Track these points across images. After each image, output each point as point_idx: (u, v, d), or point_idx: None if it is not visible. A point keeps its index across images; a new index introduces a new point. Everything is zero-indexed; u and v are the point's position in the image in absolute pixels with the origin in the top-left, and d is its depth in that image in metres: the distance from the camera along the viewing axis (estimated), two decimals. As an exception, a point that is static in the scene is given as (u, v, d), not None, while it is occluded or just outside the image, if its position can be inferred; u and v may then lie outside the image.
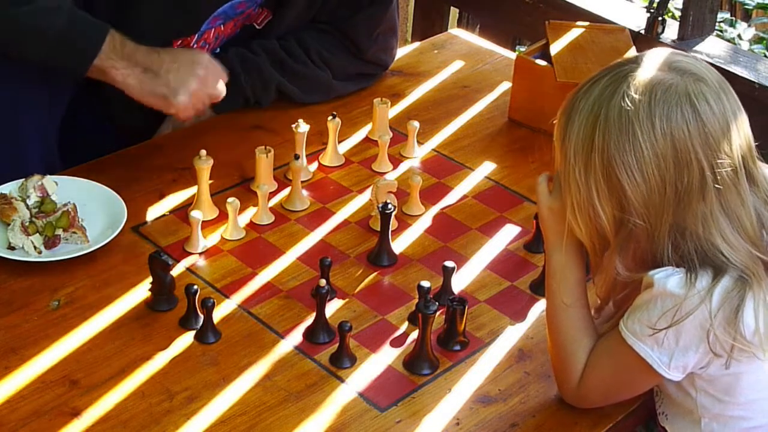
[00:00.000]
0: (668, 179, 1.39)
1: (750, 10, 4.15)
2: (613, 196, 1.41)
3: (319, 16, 2.28)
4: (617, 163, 1.39)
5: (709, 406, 1.48)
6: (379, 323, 1.71)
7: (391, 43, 2.37)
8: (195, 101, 1.95)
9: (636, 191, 1.40)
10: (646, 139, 1.38)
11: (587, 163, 1.42)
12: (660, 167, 1.38)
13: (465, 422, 1.55)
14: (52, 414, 1.51)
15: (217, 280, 1.78)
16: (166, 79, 1.92)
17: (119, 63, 1.89)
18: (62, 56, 1.88)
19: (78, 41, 1.88)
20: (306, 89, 2.26)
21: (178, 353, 1.63)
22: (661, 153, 1.38)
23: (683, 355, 1.41)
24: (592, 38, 2.29)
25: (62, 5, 1.86)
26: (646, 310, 1.42)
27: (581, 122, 1.43)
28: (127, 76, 1.91)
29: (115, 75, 1.90)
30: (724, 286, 1.38)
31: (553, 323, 1.55)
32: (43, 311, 1.69)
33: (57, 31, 1.85)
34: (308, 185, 2.03)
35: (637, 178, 1.39)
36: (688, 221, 1.40)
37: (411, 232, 1.93)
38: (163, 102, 1.93)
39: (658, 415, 1.57)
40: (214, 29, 2.13)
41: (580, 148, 1.43)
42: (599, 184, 1.41)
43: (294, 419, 1.53)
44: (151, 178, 2.02)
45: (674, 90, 1.39)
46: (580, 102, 1.45)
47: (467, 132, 2.25)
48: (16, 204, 1.81)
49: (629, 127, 1.38)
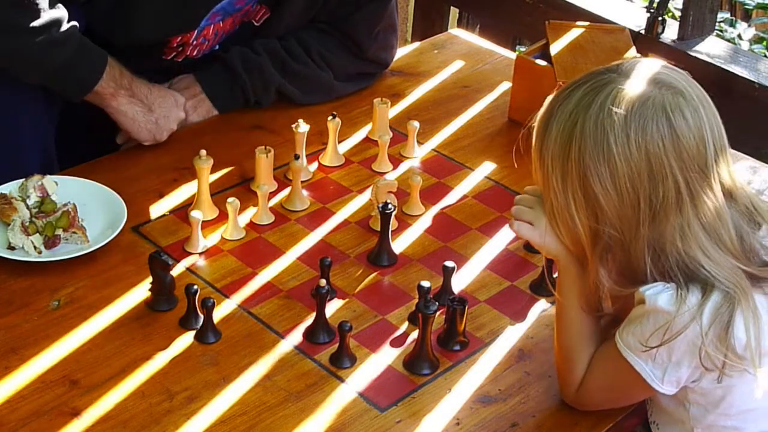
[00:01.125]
0: (642, 193, 1.38)
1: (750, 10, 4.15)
2: (589, 206, 1.41)
3: (318, 16, 2.28)
4: (591, 173, 1.39)
5: (701, 417, 1.48)
6: (379, 323, 1.71)
7: (391, 41, 2.37)
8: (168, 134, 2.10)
9: (610, 203, 1.39)
10: (620, 152, 1.37)
11: (564, 171, 1.42)
12: (634, 180, 1.38)
13: (465, 422, 1.55)
14: (52, 414, 1.51)
15: (217, 280, 1.78)
16: (157, 117, 2.05)
17: (118, 92, 1.99)
18: (62, 84, 1.94)
19: (79, 71, 1.94)
20: (307, 90, 2.26)
21: (178, 353, 1.63)
22: (636, 166, 1.37)
23: (676, 370, 1.41)
24: (592, 38, 2.29)
25: (71, 37, 1.89)
26: (639, 324, 1.42)
27: (559, 130, 1.43)
28: (123, 105, 2.00)
29: (110, 102, 1.99)
30: (714, 303, 1.37)
31: (560, 327, 1.55)
32: (43, 311, 1.69)
33: (61, 62, 1.89)
34: (308, 185, 2.03)
35: (610, 190, 1.39)
36: (666, 236, 1.39)
37: (411, 232, 1.93)
38: (148, 136, 2.06)
39: (650, 424, 1.57)
40: (213, 25, 2.13)
41: (557, 156, 1.42)
42: (576, 193, 1.41)
43: (294, 419, 1.53)
44: (151, 178, 2.02)
45: (651, 103, 1.38)
46: (558, 109, 1.44)
47: (467, 132, 2.25)
48: (16, 204, 1.81)
49: (604, 139, 1.38)
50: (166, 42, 2.10)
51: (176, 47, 2.12)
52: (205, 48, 2.18)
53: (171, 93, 2.12)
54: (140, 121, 2.03)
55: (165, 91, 2.11)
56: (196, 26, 2.09)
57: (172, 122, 2.09)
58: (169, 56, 2.15)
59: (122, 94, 1.99)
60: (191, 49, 2.15)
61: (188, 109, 2.16)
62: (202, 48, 2.17)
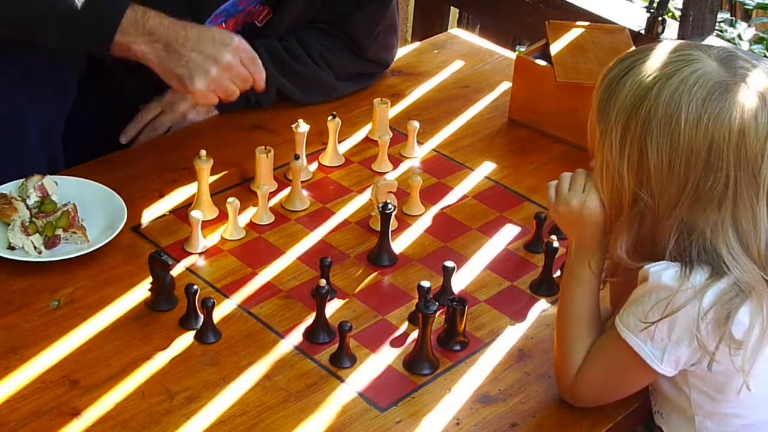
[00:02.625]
0: (693, 176, 1.39)
1: (750, 10, 4.15)
2: (639, 169, 1.41)
3: (319, 16, 2.28)
4: (652, 141, 1.39)
5: (703, 403, 1.49)
6: (379, 323, 1.71)
7: (391, 41, 2.37)
8: (215, 87, 1.88)
9: (659, 174, 1.40)
10: (687, 130, 1.38)
11: (626, 128, 1.42)
12: (689, 162, 1.38)
13: (465, 422, 1.55)
14: (52, 414, 1.51)
15: (217, 280, 1.78)
16: (186, 59, 1.84)
17: (139, 38, 1.83)
18: (79, 35, 1.82)
19: (96, 18, 1.80)
20: (307, 90, 2.26)
21: (178, 353, 1.63)
22: (696, 149, 1.38)
23: (675, 349, 1.42)
24: (592, 38, 2.29)
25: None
26: (641, 303, 1.43)
27: (633, 86, 1.42)
28: (148, 53, 1.84)
29: (136, 51, 1.84)
30: (720, 287, 1.38)
31: (560, 317, 1.56)
32: (43, 311, 1.69)
33: (70, 8, 1.78)
34: (308, 185, 2.03)
35: (664, 163, 1.39)
36: (699, 224, 1.40)
37: (411, 232, 1.93)
38: (179, 84, 1.88)
39: (654, 414, 1.57)
40: (216, 27, 2.12)
41: (624, 111, 1.42)
42: (631, 154, 1.41)
43: (294, 419, 1.53)
44: (151, 178, 2.02)
45: (732, 97, 1.38)
46: (638, 66, 1.43)
47: (467, 132, 2.25)
48: (16, 204, 1.81)
49: (676, 112, 1.38)
50: None
51: None
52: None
53: (216, 31, 1.91)
54: (167, 65, 1.84)
55: (206, 30, 1.90)
56: None
57: (207, 64, 1.85)
58: None
59: (145, 41, 1.83)
60: None
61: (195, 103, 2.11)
62: None
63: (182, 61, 1.84)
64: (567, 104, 2.15)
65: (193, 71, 1.85)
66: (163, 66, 1.85)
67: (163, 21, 1.85)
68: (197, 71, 1.85)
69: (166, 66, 1.85)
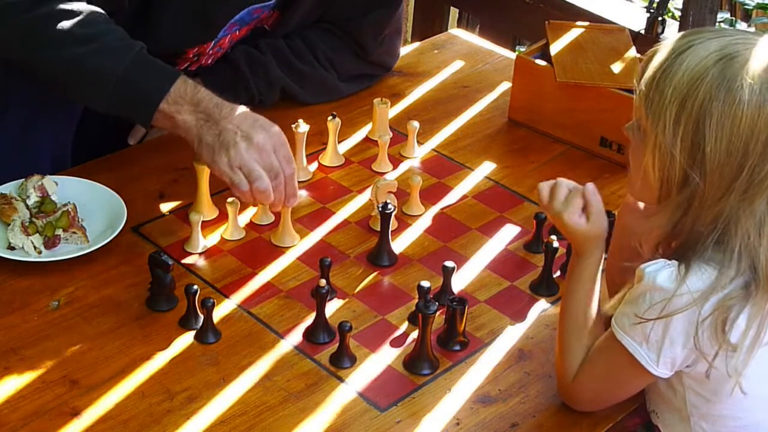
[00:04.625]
0: (750, 160, 1.35)
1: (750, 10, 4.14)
2: (693, 150, 1.37)
3: (325, 17, 2.28)
4: (712, 119, 1.35)
5: (698, 404, 1.49)
6: (379, 323, 1.71)
7: (396, 45, 2.37)
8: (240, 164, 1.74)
9: (715, 155, 1.36)
10: (748, 113, 1.34)
11: (682, 106, 1.37)
12: (748, 143, 1.35)
13: (465, 422, 1.55)
14: (52, 414, 1.51)
15: (217, 280, 1.78)
16: (221, 129, 1.76)
17: (185, 107, 1.78)
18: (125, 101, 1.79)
19: (143, 82, 1.77)
20: (311, 90, 2.27)
21: (178, 353, 1.63)
22: (756, 131, 1.35)
23: (671, 351, 1.41)
24: (592, 38, 2.29)
25: (131, 44, 1.79)
26: (636, 304, 1.42)
27: (691, 64, 1.38)
28: (190, 122, 1.78)
29: (177, 119, 1.78)
30: (724, 293, 1.37)
31: (560, 318, 1.56)
32: (43, 311, 1.69)
33: (121, 74, 1.75)
34: (308, 185, 2.03)
35: (722, 143, 1.36)
36: (742, 220, 1.37)
37: (411, 232, 1.93)
38: (208, 155, 1.77)
39: (650, 414, 1.57)
40: (230, 35, 2.12)
41: (681, 91, 1.38)
42: (686, 134, 1.37)
43: (294, 419, 1.53)
44: (151, 178, 2.02)
45: None
46: (697, 45, 1.39)
47: (467, 132, 2.25)
48: (16, 204, 1.81)
49: (738, 91, 1.34)
50: (183, 53, 2.09)
51: (192, 57, 2.11)
52: (219, 55, 2.17)
53: (259, 116, 1.81)
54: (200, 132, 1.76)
55: (251, 112, 1.81)
56: (214, 38, 2.08)
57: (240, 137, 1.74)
58: (182, 66, 2.11)
59: (190, 110, 1.77)
60: (206, 57, 2.14)
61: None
62: (216, 56, 2.17)
63: (216, 130, 1.76)
64: (567, 104, 2.15)
65: (224, 141, 1.75)
66: (200, 134, 1.77)
67: (213, 97, 1.80)
68: (228, 142, 1.75)
69: (201, 134, 1.77)
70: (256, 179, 1.74)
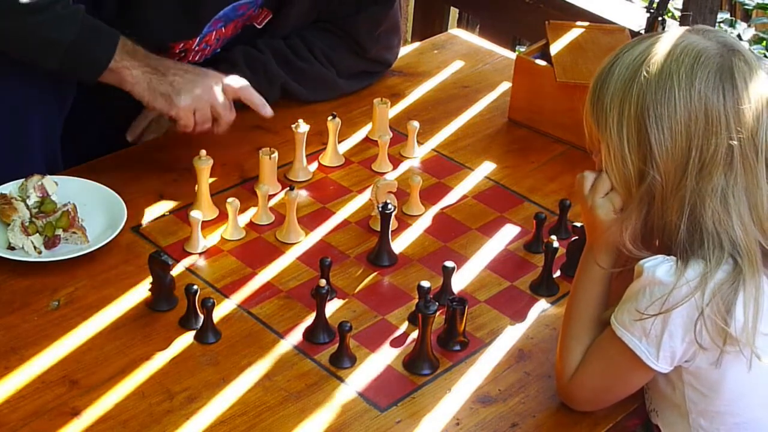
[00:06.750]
0: (695, 142, 1.40)
1: (750, 10, 4.14)
2: (641, 147, 1.43)
3: (322, 16, 2.29)
4: (650, 114, 1.41)
5: (696, 400, 1.49)
6: (379, 323, 1.71)
7: (393, 41, 2.37)
8: (197, 106, 1.95)
9: (662, 146, 1.41)
10: (682, 96, 1.40)
11: (621, 109, 1.44)
12: (689, 127, 1.40)
13: (465, 422, 1.55)
14: (52, 414, 1.51)
15: (217, 280, 1.78)
16: (171, 79, 1.93)
17: (131, 62, 1.91)
18: (76, 64, 1.88)
19: (92, 49, 1.88)
20: (311, 88, 2.27)
21: (178, 353, 1.63)
22: (694, 114, 1.40)
23: (670, 345, 1.42)
24: (592, 38, 2.30)
25: (76, 12, 1.86)
26: (636, 300, 1.43)
27: (622, 70, 1.45)
28: (138, 76, 1.92)
29: (126, 75, 1.91)
30: (717, 279, 1.38)
31: (564, 315, 1.57)
32: (43, 311, 1.69)
33: (70, 41, 1.85)
34: (308, 185, 2.03)
35: (665, 133, 1.41)
36: (708, 194, 1.41)
37: (411, 232, 1.93)
38: (165, 102, 1.93)
39: (649, 413, 1.57)
40: (215, 31, 2.13)
41: (617, 95, 1.45)
42: (630, 134, 1.43)
43: (294, 419, 1.53)
44: (151, 178, 2.02)
45: (719, 61, 1.41)
46: (624, 54, 1.47)
47: (467, 132, 2.25)
48: (16, 204, 1.81)
49: (668, 81, 1.41)
50: (169, 48, 2.09)
51: (178, 53, 2.12)
52: (207, 53, 2.18)
53: (199, 67, 2.03)
54: (154, 85, 1.93)
55: (190, 65, 2.03)
56: (199, 33, 2.09)
57: (192, 84, 1.96)
58: None
59: (137, 65, 1.92)
60: (193, 54, 2.14)
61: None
62: (204, 53, 2.17)
63: (168, 80, 1.93)
64: (567, 104, 2.15)
65: (179, 88, 1.93)
66: (151, 87, 1.92)
67: (150, 54, 1.95)
68: (183, 88, 1.93)
69: (154, 87, 1.92)
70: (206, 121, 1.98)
